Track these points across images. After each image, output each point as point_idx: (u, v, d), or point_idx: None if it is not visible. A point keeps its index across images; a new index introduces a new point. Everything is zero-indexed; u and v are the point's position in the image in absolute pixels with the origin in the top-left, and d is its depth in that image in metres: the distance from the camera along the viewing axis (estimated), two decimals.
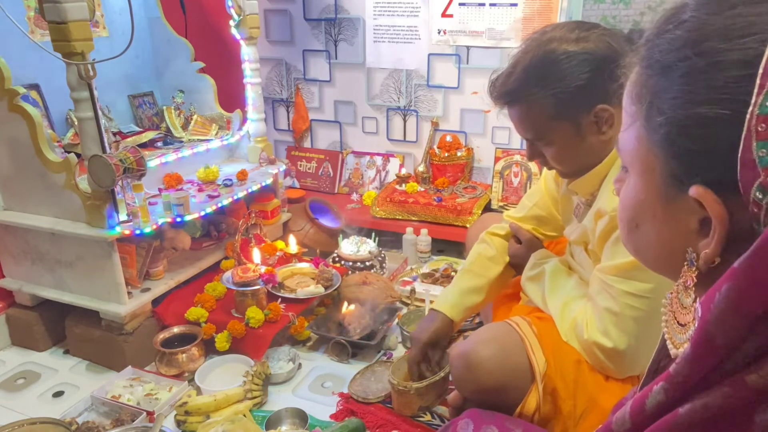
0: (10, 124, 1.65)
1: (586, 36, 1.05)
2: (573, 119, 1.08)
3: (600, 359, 1.12)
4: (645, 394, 0.43)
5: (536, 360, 1.15)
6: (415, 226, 2.39)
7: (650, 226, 0.47)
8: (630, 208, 0.49)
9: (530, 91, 1.08)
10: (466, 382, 1.21)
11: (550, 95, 1.06)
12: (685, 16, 0.41)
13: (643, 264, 0.52)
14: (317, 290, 1.90)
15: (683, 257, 0.45)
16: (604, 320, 1.10)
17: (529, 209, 1.45)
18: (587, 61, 1.03)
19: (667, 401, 0.41)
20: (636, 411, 0.44)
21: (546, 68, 1.06)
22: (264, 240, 2.15)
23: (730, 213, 0.39)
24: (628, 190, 0.49)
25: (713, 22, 0.39)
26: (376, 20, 2.60)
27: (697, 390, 0.39)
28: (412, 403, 1.48)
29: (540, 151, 1.17)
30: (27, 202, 1.76)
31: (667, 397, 0.41)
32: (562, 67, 1.04)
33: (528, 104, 1.10)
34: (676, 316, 0.46)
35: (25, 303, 1.85)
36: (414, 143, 2.73)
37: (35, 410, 1.57)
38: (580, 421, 1.14)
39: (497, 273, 1.44)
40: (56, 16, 1.42)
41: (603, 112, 1.06)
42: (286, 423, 1.48)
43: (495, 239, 1.49)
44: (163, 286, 1.84)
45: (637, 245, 0.50)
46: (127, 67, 2.27)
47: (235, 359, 1.71)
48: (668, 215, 0.45)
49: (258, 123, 2.35)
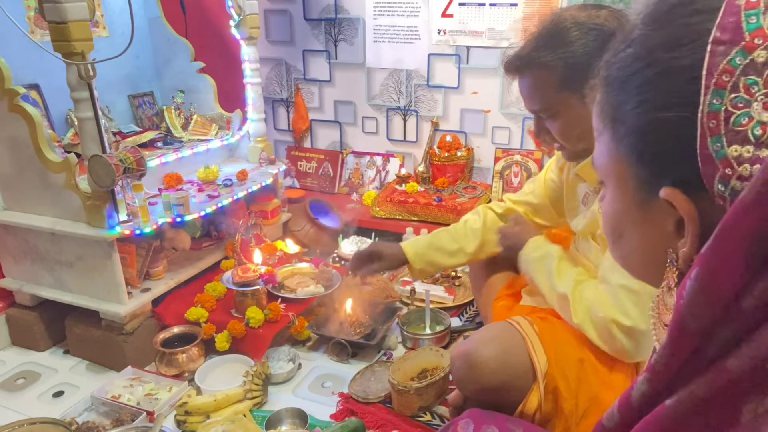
0: (10, 124, 1.65)
1: (596, 13, 1.10)
2: (579, 90, 1.10)
3: (616, 339, 1.09)
4: (631, 387, 0.44)
5: (538, 359, 1.15)
6: (415, 226, 2.39)
7: (632, 234, 0.49)
8: (612, 219, 0.51)
9: (539, 56, 1.11)
10: (467, 382, 1.21)
11: (558, 60, 1.09)
12: (634, 35, 0.45)
13: (630, 273, 0.54)
14: (317, 290, 1.90)
15: (665, 261, 0.47)
16: (620, 298, 1.08)
17: (526, 195, 1.51)
18: (595, 32, 1.07)
19: (650, 391, 0.42)
20: (623, 404, 0.45)
21: (555, 35, 1.10)
22: (264, 240, 2.15)
23: (700, 209, 0.41)
24: (608, 202, 0.51)
25: (658, 36, 0.43)
26: (376, 20, 2.60)
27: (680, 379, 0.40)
28: (412, 403, 1.48)
29: (546, 127, 1.19)
30: (27, 202, 1.76)
31: (651, 387, 0.42)
32: (571, 34, 1.09)
33: (537, 71, 1.13)
34: (661, 317, 0.48)
35: (25, 303, 1.85)
36: (414, 143, 2.73)
37: (35, 410, 1.57)
38: (582, 420, 1.14)
39: (474, 247, 1.50)
40: (56, 16, 1.42)
41: None
42: (286, 423, 1.48)
43: (488, 213, 1.54)
44: (163, 286, 1.84)
45: (623, 254, 0.52)
46: (127, 67, 2.27)
47: (235, 359, 1.70)
48: (645, 220, 0.47)
49: (258, 123, 2.35)
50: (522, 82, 1.17)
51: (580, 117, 1.12)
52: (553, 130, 1.17)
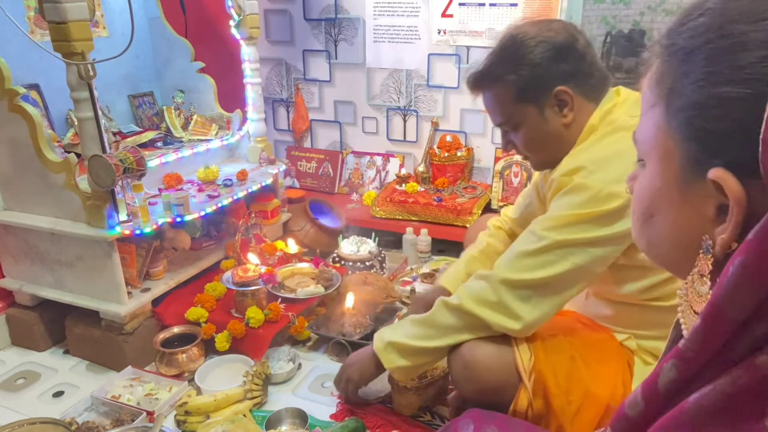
0: (10, 124, 1.65)
1: (548, 25, 1.16)
2: (535, 101, 1.17)
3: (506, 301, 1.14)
4: (657, 373, 0.43)
5: (521, 357, 1.15)
6: (415, 226, 2.39)
7: (665, 216, 0.47)
8: (645, 199, 0.49)
9: (495, 72, 1.18)
10: (465, 383, 1.22)
11: (512, 74, 1.15)
12: (708, 4, 0.43)
13: (652, 259, 0.51)
14: (317, 290, 1.90)
15: (697, 247, 0.44)
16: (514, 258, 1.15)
17: (524, 207, 1.52)
18: (546, 44, 1.13)
19: (678, 378, 0.41)
20: (648, 390, 0.43)
21: (509, 50, 1.16)
22: (264, 240, 2.15)
23: (748, 195, 0.39)
24: (644, 181, 0.49)
25: (736, 7, 0.40)
26: (376, 20, 2.60)
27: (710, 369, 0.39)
28: (412, 403, 1.48)
29: (512, 140, 1.25)
30: (27, 202, 1.76)
31: (679, 373, 0.41)
32: (523, 48, 1.14)
33: (494, 86, 1.19)
34: (692, 305, 0.46)
35: (25, 303, 1.85)
36: (414, 143, 2.73)
37: (35, 410, 1.57)
38: (577, 416, 1.14)
39: None
40: (56, 16, 1.41)
41: (563, 94, 1.15)
42: (286, 423, 1.48)
43: (501, 234, 1.58)
44: (163, 286, 1.84)
45: (650, 237, 0.50)
46: (127, 67, 2.27)
47: (235, 359, 1.70)
48: (685, 202, 0.45)
49: (258, 123, 2.35)
50: (484, 97, 1.24)
51: (539, 128, 1.19)
52: (517, 142, 1.24)
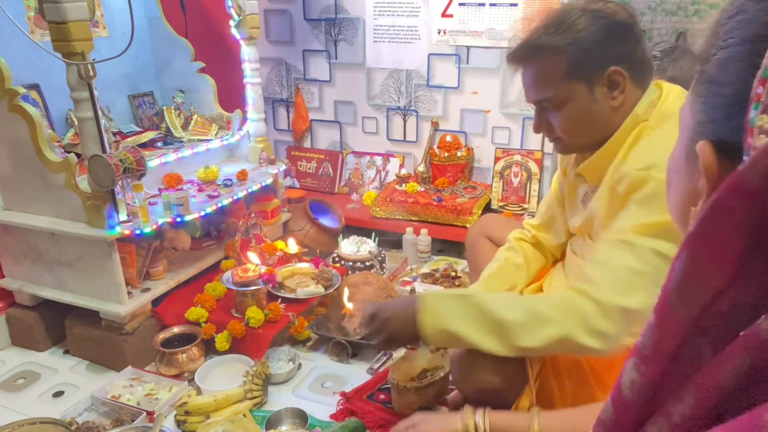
0: (10, 124, 1.65)
1: (604, 5, 1.08)
2: (587, 79, 1.07)
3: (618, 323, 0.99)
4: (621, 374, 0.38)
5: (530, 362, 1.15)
6: (415, 226, 2.39)
7: (675, 185, 0.47)
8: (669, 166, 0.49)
9: (548, 41, 1.07)
10: (466, 383, 1.22)
11: (568, 44, 1.05)
12: None
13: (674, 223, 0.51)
14: (317, 290, 1.90)
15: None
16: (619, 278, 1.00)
17: (544, 214, 1.44)
18: (603, 20, 1.05)
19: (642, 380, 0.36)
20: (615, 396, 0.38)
21: (563, 21, 1.07)
22: (264, 240, 2.15)
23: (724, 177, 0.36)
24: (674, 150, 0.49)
25: None
26: (376, 20, 2.60)
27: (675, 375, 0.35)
28: (412, 403, 1.48)
29: (548, 120, 1.14)
30: (27, 202, 1.76)
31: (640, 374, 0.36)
32: (578, 21, 1.06)
33: (545, 57, 1.09)
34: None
35: (25, 303, 1.85)
36: (414, 143, 2.73)
37: (35, 410, 1.57)
38: None
39: (524, 281, 1.41)
40: (56, 16, 1.42)
41: (616, 75, 1.06)
42: (286, 423, 1.48)
43: (524, 245, 1.45)
44: (163, 286, 1.84)
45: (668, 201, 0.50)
46: (127, 67, 2.27)
47: (235, 359, 1.70)
48: (686, 172, 0.45)
49: (258, 123, 2.35)
50: (527, 71, 1.13)
51: (584, 109, 1.09)
52: (555, 122, 1.13)
